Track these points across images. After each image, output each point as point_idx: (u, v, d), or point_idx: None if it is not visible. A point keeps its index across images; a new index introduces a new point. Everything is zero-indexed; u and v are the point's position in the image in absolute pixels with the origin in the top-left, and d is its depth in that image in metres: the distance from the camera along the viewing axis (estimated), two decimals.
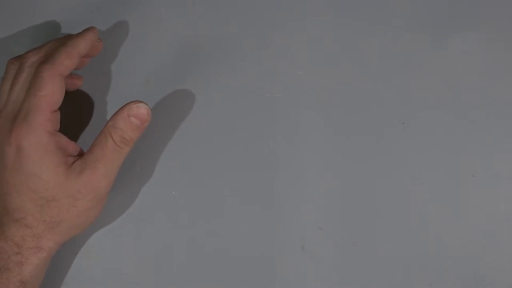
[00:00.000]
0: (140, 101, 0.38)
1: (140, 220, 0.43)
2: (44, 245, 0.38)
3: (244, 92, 0.44)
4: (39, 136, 0.37)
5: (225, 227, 0.43)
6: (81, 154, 0.39)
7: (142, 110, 0.38)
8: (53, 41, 0.40)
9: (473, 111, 0.42)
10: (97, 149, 0.38)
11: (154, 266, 0.43)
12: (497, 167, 0.42)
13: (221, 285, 0.43)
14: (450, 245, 0.41)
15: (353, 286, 0.42)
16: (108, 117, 0.44)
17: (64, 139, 0.38)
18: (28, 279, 0.37)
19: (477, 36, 0.43)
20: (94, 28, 0.41)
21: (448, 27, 0.43)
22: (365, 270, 0.42)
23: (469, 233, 0.41)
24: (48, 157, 0.37)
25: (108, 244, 0.43)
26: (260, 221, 0.43)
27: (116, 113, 0.38)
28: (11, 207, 0.37)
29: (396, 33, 0.43)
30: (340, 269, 0.42)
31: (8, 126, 0.37)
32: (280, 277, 0.42)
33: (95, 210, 0.39)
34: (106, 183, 0.38)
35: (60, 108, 0.38)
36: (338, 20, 0.44)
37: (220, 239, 0.43)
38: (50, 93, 0.37)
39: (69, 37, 0.40)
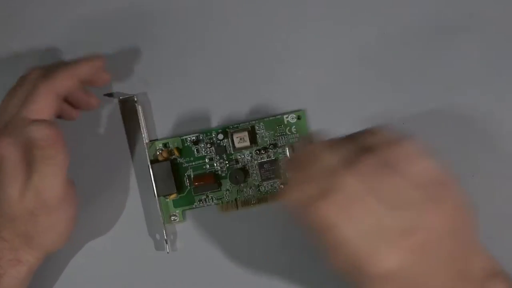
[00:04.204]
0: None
1: (139, 220, 0.43)
2: (23, 258, 0.39)
3: (244, 91, 0.44)
4: (14, 149, 0.37)
5: (225, 227, 0.43)
6: None
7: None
8: (60, 62, 0.42)
9: (472, 111, 0.42)
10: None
11: (153, 265, 0.43)
12: (497, 167, 0.41)
13: (221, 284, 0.42)
14: None
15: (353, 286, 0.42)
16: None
17: None
18: None
19: (477, 36, 0.43)
20: (102, 56, 0.41)
21: (448, 27, 0.43)
22: None
23: None
24: (15, 176, 0.37)
25: (107, 243, 0.43)
26: (260, 221, 0.43)
27: None
28: None
29: (396, 33, 0.43)
30: None
31: None
32: (280, 277, 0.42)
33: (62, 223, 0.39)
34: (53, 194, 0.38)
35: None
36: (338, 20, 0.44)
37: (220, 240, 0.43)
38: (42, 107, 0.37)
39: (74, 60, 0.41)
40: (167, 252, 0.42)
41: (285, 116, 0.43)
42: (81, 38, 0.45)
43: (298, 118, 0.43)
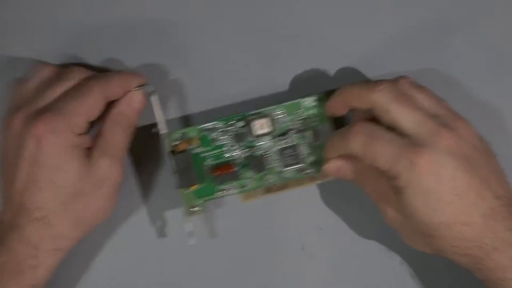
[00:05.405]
0: (136, 88, 0.40)
1: (138, 220, 0.43)
2: (64, 245, 0.37)
3: (244, 91, 0.43)
4: (66, 134, 0.36)
5: (225, 227, 0.43)
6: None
7: (140, 96, 0.40)
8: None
9: (473, 111, 0.42)
10: (109, 136, 0.38)
11: (153, 266, 0.43)
12: None
13: (221, 284, 0.43)
14: None
15: (353, 286, 0.43)
16: None
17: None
18: (40, 282, 0.36)
19: (477, 36, 0.43)
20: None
21: (447, 27, 0.43)
22: (365, 270, 0.43)
23: None
24: (74, 150, 0.36)
25: (106, 243, 0.43)
26: (260, 221, 0.43)
27: (119, 101, 0.39)
28: (30, 205, 0.35)
29: (396, 33, 0.43)
30: (340, 269, 0.43)
31: (33, 115, 0.36)
32: (280, 277, 0.43)
33: (113, 199, 0.39)
34: (122, 168, 0.38)
35: None
36: (338, 20, 0.43)
37: (219, 239, 0.43)
38: (92, 104, 0.37)
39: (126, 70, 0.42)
40: (192, 244, 0.41)
41: (305, 100, 0.42)
42: (80, 39, 0.43)
43: (319, 100, 0.42)
